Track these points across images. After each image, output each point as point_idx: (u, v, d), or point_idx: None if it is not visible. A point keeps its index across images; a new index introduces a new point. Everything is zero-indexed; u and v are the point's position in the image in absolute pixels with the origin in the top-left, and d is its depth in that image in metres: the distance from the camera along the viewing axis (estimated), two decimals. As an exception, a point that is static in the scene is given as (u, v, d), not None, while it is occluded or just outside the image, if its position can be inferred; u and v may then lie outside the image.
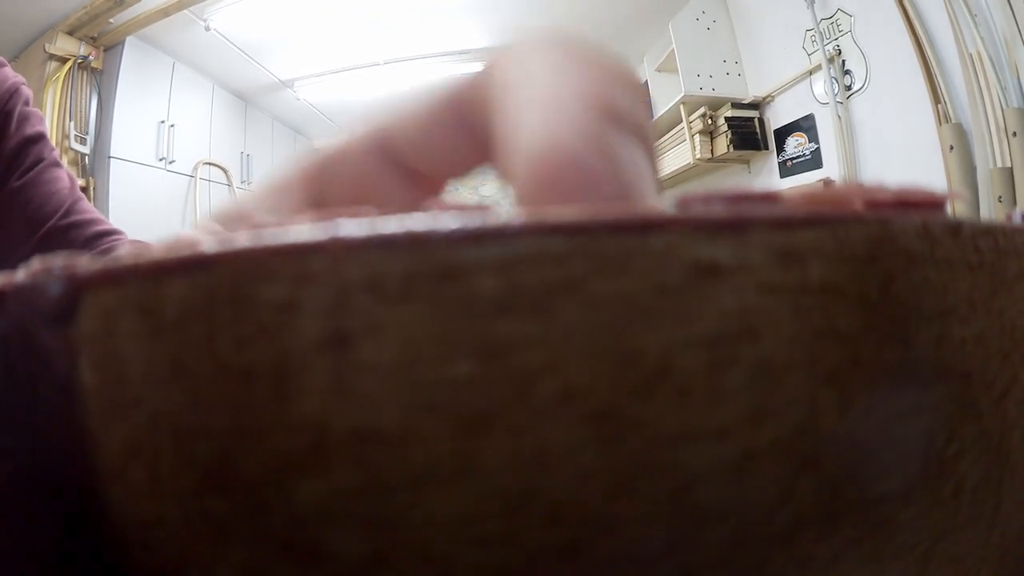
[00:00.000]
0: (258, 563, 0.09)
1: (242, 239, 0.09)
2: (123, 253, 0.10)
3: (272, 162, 3.64)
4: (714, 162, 2.49)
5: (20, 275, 0.10)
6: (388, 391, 0.08)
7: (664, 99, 2.65)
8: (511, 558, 0.09)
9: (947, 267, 0.10)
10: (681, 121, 2.50)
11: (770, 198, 0.09)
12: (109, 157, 2.59)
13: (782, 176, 2.32)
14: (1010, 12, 1.37)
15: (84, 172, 2.51)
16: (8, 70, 0.54)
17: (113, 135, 2.59)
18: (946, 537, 0.11)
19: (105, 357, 0.10)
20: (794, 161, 2.25)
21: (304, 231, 0.09)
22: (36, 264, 0.10)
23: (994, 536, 0.12)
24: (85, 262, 0.10)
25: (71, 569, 0.12)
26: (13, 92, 0.53)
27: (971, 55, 1.45)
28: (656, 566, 0.09)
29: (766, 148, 2.37)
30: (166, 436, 0.09)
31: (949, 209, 0.11)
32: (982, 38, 1.42)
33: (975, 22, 1.43)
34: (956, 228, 0.10)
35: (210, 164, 3.08)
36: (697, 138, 2.44)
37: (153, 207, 2.70)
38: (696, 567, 0.09)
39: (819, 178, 2.07)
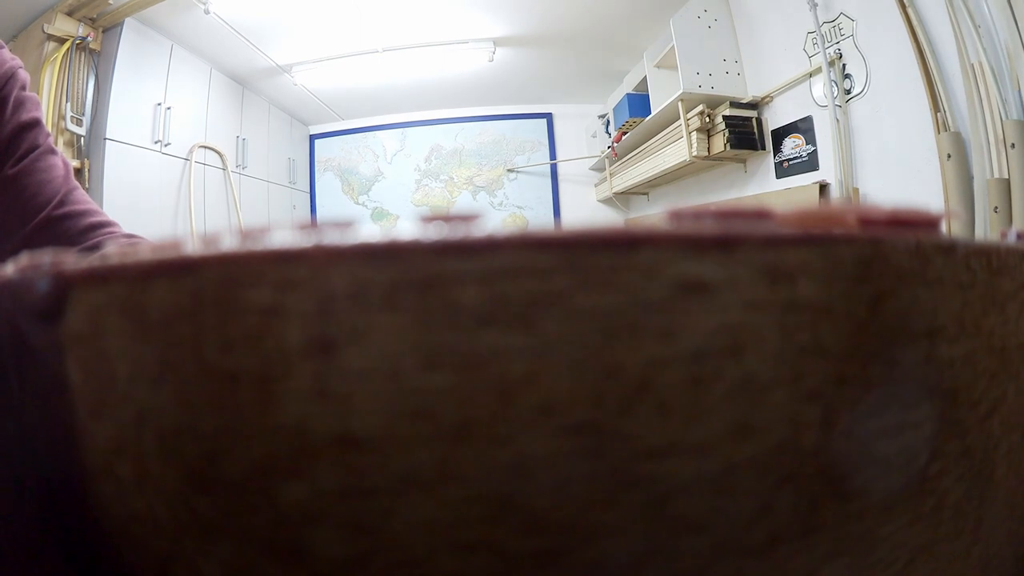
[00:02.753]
0: (243, 561, 0.09)
1: (228, 243, 0.09)
2: (112, 251, 0.10)
3: (267, 147, 3.63)
4: (710, 160, 2.48)
5: (9, 270, 0.10)
6: (370, 398, 0.08)
7: (663, 96, 2.64)
8: (489, 564, 0.09)
9: (938, 286, 0.10)
10: (679, 118, 2.49)
11: (762, 215, 0.09)
12: (105, 139, 2.57)
13: (778, 177, 2.31)
14: (1014, 25, 1.36)
15: (79, 153, 2.49)
16: (6, 52, 0.53)
17: (109, 117, 2.57)
18: (926, 551, 0.11)
19: (92, 355, 0.10)
20: (791, 162, 2.25)
21: (289, 238, 0.09)
22: (25, 260, 0.10)
23: (975, 551, 0.12)
24: (74, 259, 0.10)
25: (61, 564, 0.12)
26: (10, 77, 0.52)
27: (973, 65, 1.45)
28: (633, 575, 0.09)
29: (763, 148, 2.36)
30: (152, 435, 0.09)
31: (944, 227, 0.11)
32: (984, 49, 1.42)
33: (978, 33, 1.43)
34: (949, 247, 0.10)
35: (205, 147, 3.06)
36: (694, 136, 2.43)
37: (148, 189, 2.69)
38: None
39: (815, 180, 2.07)
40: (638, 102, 3.00)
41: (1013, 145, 1.35)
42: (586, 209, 3.92)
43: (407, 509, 0.08)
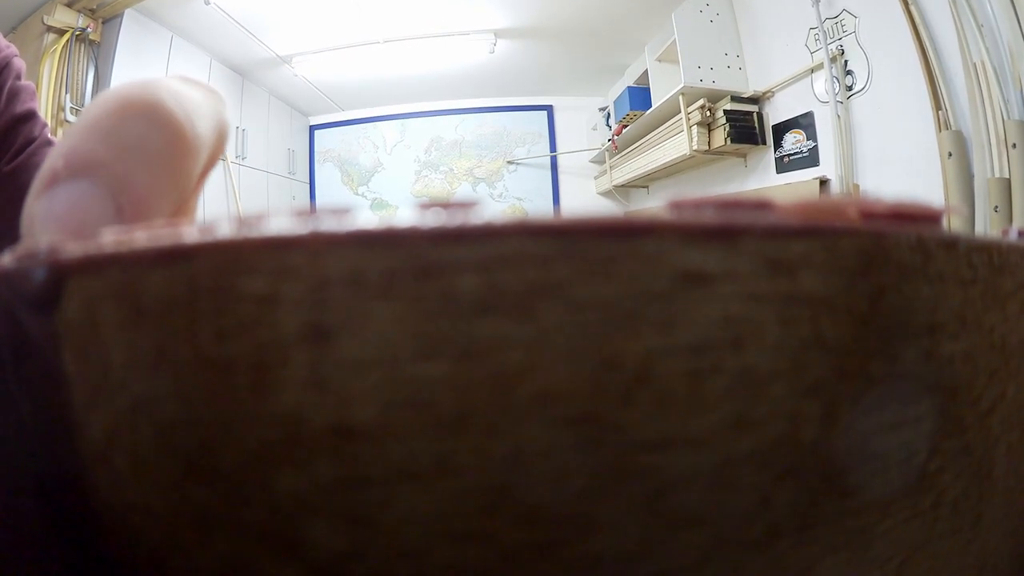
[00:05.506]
0: (239, 552, 0.09)
1: (224, 231, 0.09)
2: (107, 239, 0.09)
3: (267, 137, 3.63)
4: (711, 154, 2.47)
5: (6, 259, 0.10)
6: (366, 387, 0.08)
7: (664, 89, 2.63)
8: (486, 556, 0.09)
9: (939, 282, 0.10)
10: (680, 112, 2.48)
11: (763, 206, 0.09)
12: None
13: (778, 172, 2.31)
14: (1017, 25, 1.36)
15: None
16: (0, 40, 0.52)
17: (109, 107, 2.57)
18: (924, 548, 0.11)
19: (88, 344, 0.10)
20: (791, 158, 2.24)
21: (285, 225, 0.08)
22: (22, 248, 0.10)
23: (973, 548, 0.12)
24: (70, 247, 0.10)
25: (59, 556, 0.12)
26: (4, 66, 0.51)
27: (975, 64, 1.44)
28: (631, 568, 0.09)
29: (763, 143, 2.36)
30: (147, 424, 0.09)
31: (946, 223, 0.11)
32: (987, 48, 1.41)
33: (981, 32, 1.42)
34: (951, 243, 0.10)
35: (206, 138, 3.06)
36: (695, 129, 2.42)
37: (147, 180, 2.68)
38: (671, 570, 0.09)
39: (815, 176, 2.06)
40: (639, 95, 3.00)
41: (1015, 145, 1.34)
42: (586, 201, 3.92)
43: (403, 500, 0.08)
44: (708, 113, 2.42)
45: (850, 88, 1.94)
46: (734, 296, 0.08)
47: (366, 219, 0.08)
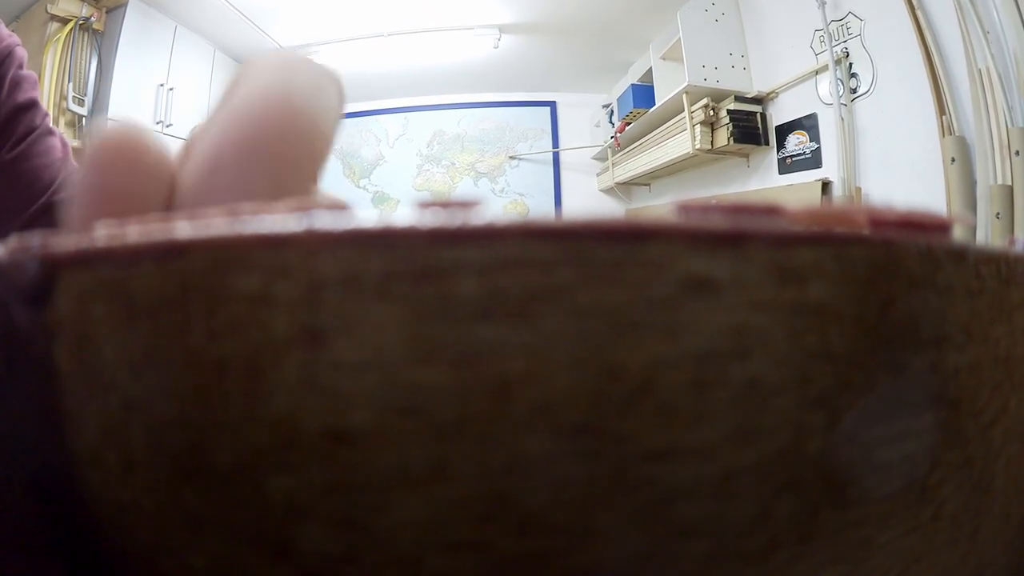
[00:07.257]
0: (229, 555, 0.09)
1: (217, 226, 0.08)
2: (100, 232, 0.09)
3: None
4: (713, 153, 2.47)
5: (0, 252, 0.10)
6: (360, 391, 0.08)
7: (667, 87, 2.63)
8: (481, 564, 0.09)
9: (947, 293, 0.10)
10: (683, 110, 2.48)
11: (773, 211, 0.09)
12: (107, 119, 2.56)
13: (781, 172, 2.31)
14: (1023, 32, 1.36)
15: (81, 133, 2.48)
16: (3, 29, 0.52)
17: (111, 97, 2.57)
18: (922, 560, 0.11)
19: (80, 340, 0.09)
20: (793, 159, 2.24)
21: (280, 221, 0.08)
22: (14, 241, 0.10)
23: (970, 560, 0.12)
24: (63, 240, 0.09)
25: (50, 553, 0.12)
26: (6, 56, 0.51)
27: (980, 70, 1.44)
28: None
29: (766, 144, 2.36)
30: (138, 423, 0.09)
31: (955, 233, 0.11)
32: (992, 55, 1.41)
33: (987, 38, 1.42)
34: (960, 253, 0.10)
35: (208, 129, 3.06)
36: (698, 128, 2.42)
37: (148, 169, 2.68)
38: None
39: (817, 178, 2.06)
40: (642, 93, 3.00)
41: (1018, 152, 1.35)
42: (587, 198, 3.93)
43: (397, 506, 0.08)
44: (711, 112, 2.42)
45: (854, 91, 1.94)
46: (742, 304, 0.08)
47: (363, 217, 0.08)
